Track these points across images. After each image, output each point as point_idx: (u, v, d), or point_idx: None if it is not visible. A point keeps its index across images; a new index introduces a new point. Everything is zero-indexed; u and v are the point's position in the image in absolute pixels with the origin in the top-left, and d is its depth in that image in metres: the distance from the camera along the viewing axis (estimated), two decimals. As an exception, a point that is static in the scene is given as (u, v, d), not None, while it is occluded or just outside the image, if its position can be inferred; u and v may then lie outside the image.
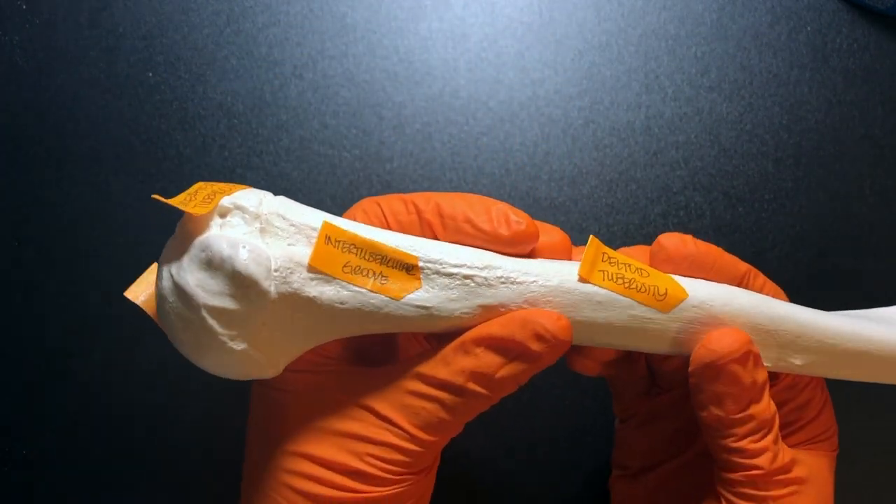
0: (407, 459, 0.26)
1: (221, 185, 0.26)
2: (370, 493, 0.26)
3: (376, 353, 0.30)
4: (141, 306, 0.26)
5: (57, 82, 0.42)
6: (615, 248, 0.40)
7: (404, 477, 0.26)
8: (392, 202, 0.27)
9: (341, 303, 0.25)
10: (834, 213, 0.40)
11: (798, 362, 0.28)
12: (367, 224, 0.27)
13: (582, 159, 0.41)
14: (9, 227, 0.41)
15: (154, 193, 0.27)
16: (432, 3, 0.42)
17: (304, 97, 0.41)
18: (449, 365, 0.26)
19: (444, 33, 0.42)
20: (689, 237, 0.28)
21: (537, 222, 0.27)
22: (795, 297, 0.40)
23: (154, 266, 0.27)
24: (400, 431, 0.26)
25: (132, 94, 0.42)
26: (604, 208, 0.41)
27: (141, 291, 0.27)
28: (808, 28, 0.42)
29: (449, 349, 0.26)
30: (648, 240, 0.40)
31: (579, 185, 0.41)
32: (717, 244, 0.40)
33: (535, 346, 0.25)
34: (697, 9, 0.42)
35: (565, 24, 0.42)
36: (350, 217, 0.28)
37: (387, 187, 0.40)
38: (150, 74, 0.42)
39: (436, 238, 0.27)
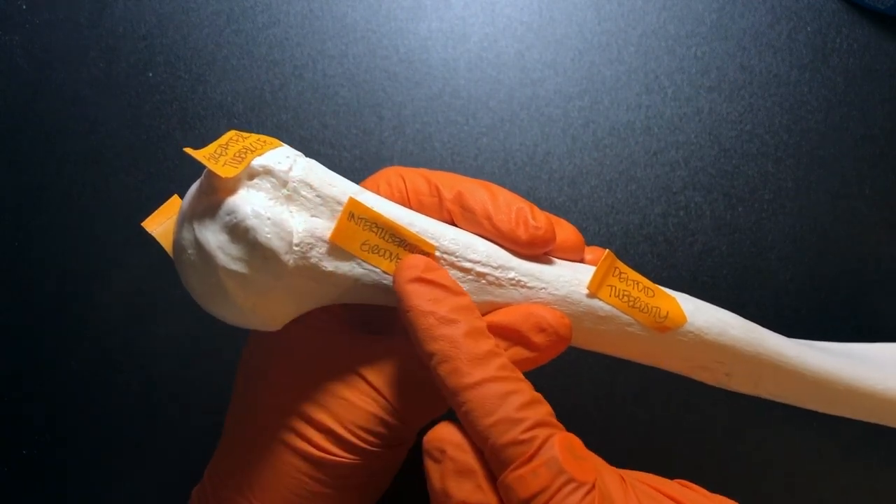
0: (385, 432, 0.26)
1: (254, 139, 0.25)
2: (340, 457, 0.26)
3: (377, 315, 0.30)
4: (156, 237, 0.27)
5: (57, 82, 0.42)
6: (615, 248, 0.40)
7: (377, 450, 0.27)
8: (416, 180, 0.28)
9: (355, 279, 0.26)
10: (834, 213, 0.40)
11: (777, 392, 0.29)
12: (389, 197, 0.27)
13: (582, 159, 0.41)
14: (9, 227, 0.41)
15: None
16: (432, 3, 0.42)
17: (304, 97, 0.41)
18: None
19: (444, 33, 0.42)
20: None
21: (553, 218, 0.28)
22: (795, 297, 0.40)
23: (174, 199, 0.27)
24: (386, 404, 0.26)
25: (132, 94, 0.42)
26: (604, 208, 0.41)
27: (158, 223, 0.27)
28: (808, 28, 0.42)
29: None
30: (648, 240, 0.40)
31: (579, 185, 0.41)
32: (717, 244, 0.40)
33: (536, 338, 0.25)
34: (697, 9, 0.42)
35: (565, 24, 0.42)
36: (373, 184, 0.28)
37: (387, 187, 0.41)
38: (150, 74, 0.42)
39: (453, 223, 0.27)
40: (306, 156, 0.26)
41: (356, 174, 0.41)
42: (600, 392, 0.39)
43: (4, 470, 0.40)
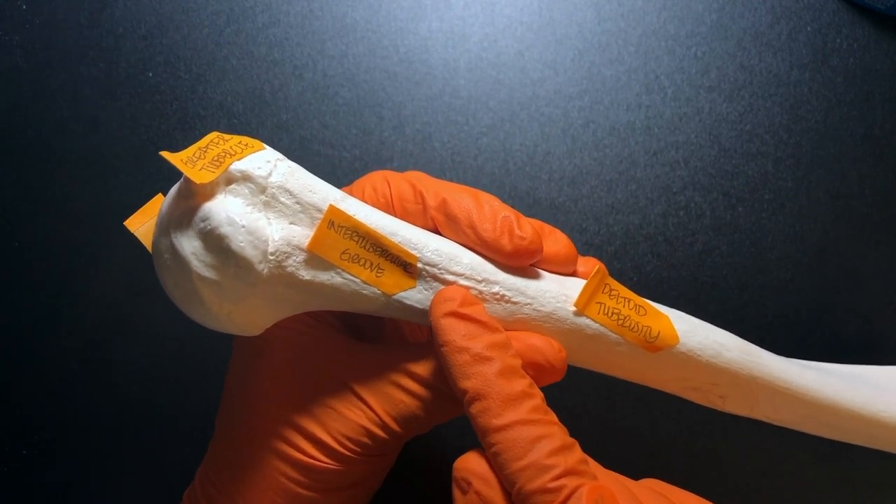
0: (370, 444, 0.26)
1: (234, 142, 0.25)
2: (326, 464, 0.26)
3: (364, 320, 0.30)
4: (138, 237, 0.26)
5: (57, 82, 0.42)
6: (615, 248, 0.40)
7: (362, 458, 0.27)
8: (402, 185, 0.27)
9: (334, 288, 0.25)
10: (834, 213, 0.40)
11: (775, 416, 0.29)
12: (374, 202, 0.27)
13: (582, 159, 0.41)
14: (9, 227, 0.41)
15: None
16: (432, 3, 0.42)
17: (304, 97, 0.41)
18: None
19: (444, 33, 0.42)
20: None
21: (545, 227, 0.27)
22: (796, 297, 0.40)
23: (158, 197, 0.27)
24: (374, 416, 0.26)
25: (132, 94, 0.42)
26: (604, 208, 0.40)
27: (140, 222, 0.27)
28: (808, 28, 0.42)
29: None
30: (648, 240, 0.40)
31: (579, 185, 0.41)
32: (717, 244, 0.40)
33: (530, 371, 0.25)
34: (697, 9, 0.42)
35: (565, 24, 0.42)
36: (359, 188, 0.27)
37: (387, 187, 0.40)
38: (150, 74, 0.42)
39: (437, 231, 0.27)
40: (306, 156, 0.26)
41: (356, 174, 0.41)
42: (600, 392, 0.39)
43: (4, 470, 0.40)
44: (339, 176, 0.40)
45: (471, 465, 0.23)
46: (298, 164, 0.26)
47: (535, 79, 0.41)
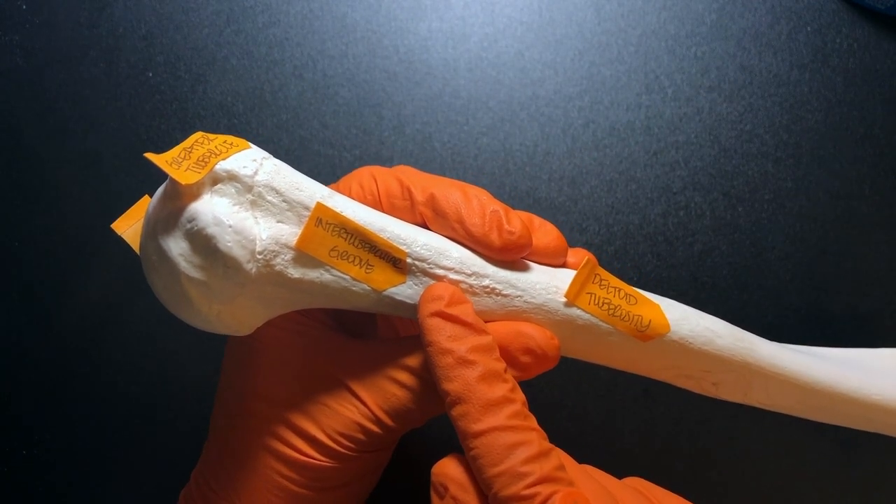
0: (364, 439, 0.26)
1: (219, 141, 0.25)
2: (321, 461, 0.26)
3: (355, 316, 0.30)
4: (125, 239, 0.26)
5: (57, 82, 0.42)
6: (615, 248, 0.40)
7: (356, 454, 0.27)
8: (389, 181, 0.27)
9: (323, 285, 0.25)
10: (834, 213, 0.40)
11: (769, 402, 0.29)
12: (361, 199, 0.27)
13: (582, 159, 0.41)
14: (9, 227, 0.41)
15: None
16: (432, 3, 0.42)
17: (304, 97, 0.41)
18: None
19: (444, 33, 0.42)
20: None
21: (534, 220, 0.27)
22: (795, 297, 0.40)
23: (145, 199, 0.27)
24: (366, 411, 0.26)
25: (132, 94, 0.42)
26: (604, 208, 0.40)
27: (127, 225, 0.27)
28: (808, 28, 0.42)
29: None
30: (648, 240, 0.40)
31: (579, 185, 0.41)
32: (717, 244, 0.40)
33: (523, 358, 0.25)
34: (697, 9, 0.42)
35: (565, 24, 0.42)
36: (346, 185, 0.27)
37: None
38: (150, 74, 0.42)
39: (426, 226, 0.27)
40: (306, 156, 0.26)
41: (356, 174, 0.41)
42: (600, 392, 0.39)
43: (4, 470, 0.40)
44: (338, 176, 0.40)
45: (448, 470, 0.24)
46: (298, 164, 0.26)
47: (535, 79, 0.41)
